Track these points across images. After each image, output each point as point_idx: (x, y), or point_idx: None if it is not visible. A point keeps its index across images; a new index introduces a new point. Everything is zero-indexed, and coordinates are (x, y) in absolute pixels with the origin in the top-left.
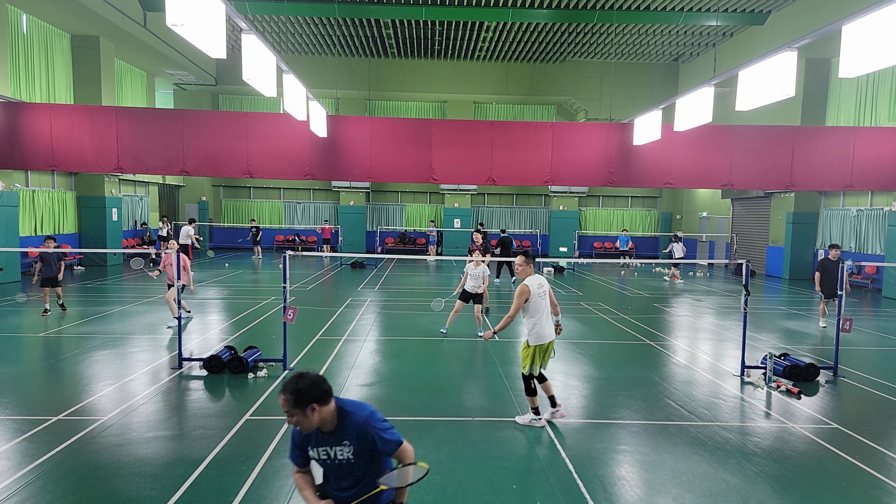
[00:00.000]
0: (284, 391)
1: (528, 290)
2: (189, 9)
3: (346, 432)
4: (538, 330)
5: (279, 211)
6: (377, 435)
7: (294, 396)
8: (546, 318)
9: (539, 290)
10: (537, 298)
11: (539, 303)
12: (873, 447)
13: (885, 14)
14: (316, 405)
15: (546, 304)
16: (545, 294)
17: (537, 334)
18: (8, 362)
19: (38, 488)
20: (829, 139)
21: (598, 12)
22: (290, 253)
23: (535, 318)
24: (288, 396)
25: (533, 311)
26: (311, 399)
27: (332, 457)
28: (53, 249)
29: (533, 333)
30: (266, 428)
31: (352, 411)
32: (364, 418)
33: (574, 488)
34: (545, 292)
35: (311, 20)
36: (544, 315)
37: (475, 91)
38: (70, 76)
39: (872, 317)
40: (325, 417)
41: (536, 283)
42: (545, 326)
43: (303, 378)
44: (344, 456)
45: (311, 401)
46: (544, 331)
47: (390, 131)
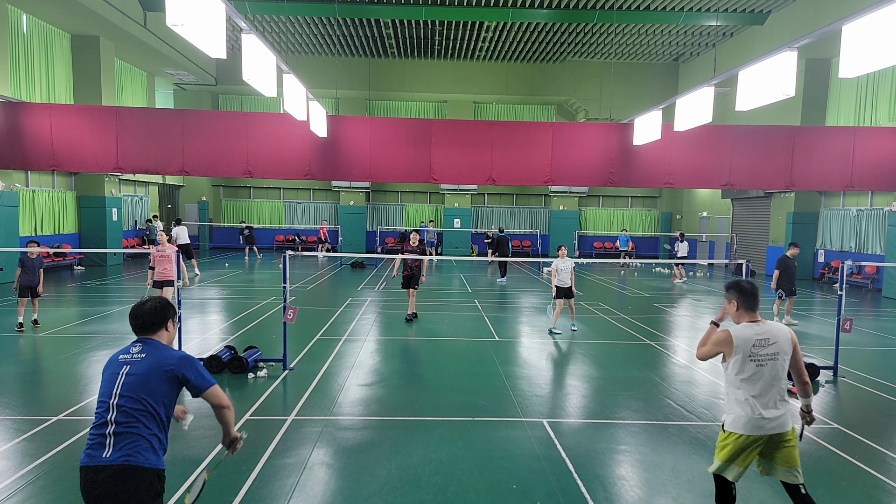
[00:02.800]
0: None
1: (728, 343)
2: (189, 9)
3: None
4: (745, 410)
5: (279, 211)
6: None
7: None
8: (770, 394)
9: (759, 349)
10: (748, 362)
11: (752, 369)
12: (873, 447)
13: (885, 14)
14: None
15: (772, 372)
16: (775, 358)
17: (742, 417)
18: (8, 362)
19: (38, 488)
20: (828, 139)
21: (598, 12)
22: (290, 253)
23: (743, 392)
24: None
25: (740, 380)
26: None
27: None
28: (38, 250)
29: (733, 412)
30: (266, 428)
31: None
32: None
33: (574, 488)
34: (775, 355)
35: (311, 20)
36: (763, 392)
37: (475, 91)
38: (70, 76)
39: (872, 317)
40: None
41: (756, 334)
42: (761, 406)
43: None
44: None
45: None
46: (756, 414)
47: (390, 131)
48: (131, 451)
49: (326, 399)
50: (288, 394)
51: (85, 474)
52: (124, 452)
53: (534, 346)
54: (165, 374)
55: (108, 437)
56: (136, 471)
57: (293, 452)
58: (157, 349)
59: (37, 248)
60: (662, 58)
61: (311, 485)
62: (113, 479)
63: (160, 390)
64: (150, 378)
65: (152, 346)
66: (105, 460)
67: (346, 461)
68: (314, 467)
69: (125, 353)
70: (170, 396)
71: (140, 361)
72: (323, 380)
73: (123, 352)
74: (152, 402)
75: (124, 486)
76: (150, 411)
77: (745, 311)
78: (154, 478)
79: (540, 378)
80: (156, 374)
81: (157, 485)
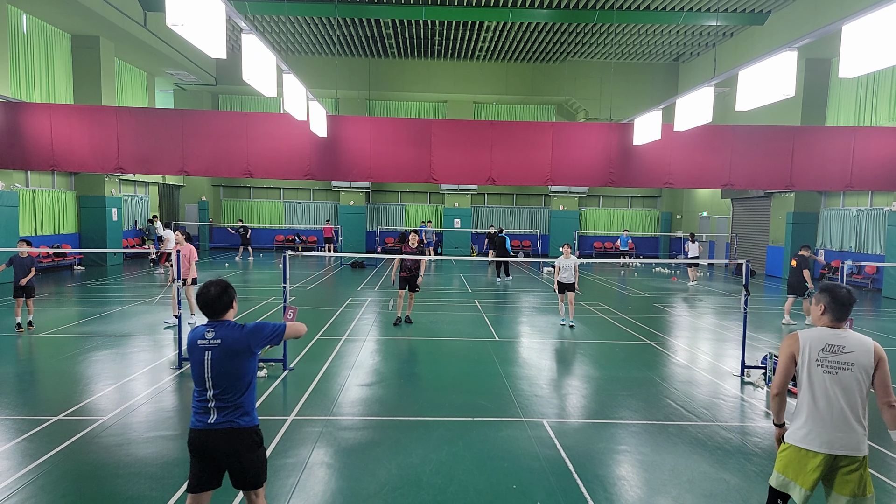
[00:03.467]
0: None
1: (794, 340)
2: (189, 9)
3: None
4: (806, 422)
5: (279, 211)
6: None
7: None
8: (837, 407)
9: (829, 355)
10: (815, 367)
11: (819, 376)
12: (873, 447)
13: (885, 14)
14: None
15: (843, 384)
16: (849, 368)
17: (803, 428)
18: (8, 362)
19: (38, 488)
20: (828, 139)
21: (598, 12)
22: (290, 253)
23: (807, 400)
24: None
25: (806, 387)
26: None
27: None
28: (28, 250)
29: (796, 422)
30: (266, 428)
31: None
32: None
33: (574, 488)
34: (849, 365)
35: (311, 20)
36: (831, 403)
37: (475, 91)
38: (70, 76)
39: (872, 317)
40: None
41: (829, 338)
42: (827, 420)
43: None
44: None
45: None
46: (820, 426)
47: (390, 131)
48: (232, 417)
49: (326, 399)
50: (288, 394)
51: (196, 435)
52: (227, 418)
53: (534, 346)
54: (240, 351)
55: (211, 407)
56: (239, 431)
57: (293, 452)
58: (228, 330)
59: (26, 247)
60: (662, 58)
61: (311, 485)
62: (221, 438)
63: (241, 364)
64: (230, 358)
65: (223, 328)
66: (211, 425)
67: (346, 461)
68: (314, 467)
69: (202, 339)
70: (250, 363)
71: (217, 347)
72: (323, 380)
73: (199, 336)
74: (238, 375)
75: (230, 443)
76: (238, 382)
77: (830, 318)
78: (252, 433)
79: (540, 378)
80: (233, 354)
81: (255, 438)
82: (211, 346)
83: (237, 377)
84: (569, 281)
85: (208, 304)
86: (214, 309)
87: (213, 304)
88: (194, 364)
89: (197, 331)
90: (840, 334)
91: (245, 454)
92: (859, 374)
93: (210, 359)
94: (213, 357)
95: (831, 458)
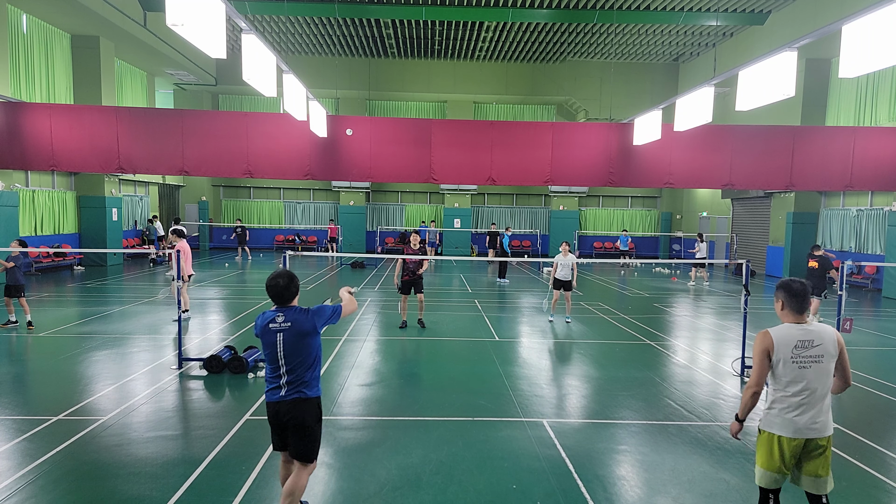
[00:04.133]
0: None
1: (768, 344)
2: (189, 9)
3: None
4: (782, 411)
5: (279, 211)
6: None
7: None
8: (810, 397)
9: (801, 350)
10: (790, 365)
11: (794, 372)
12: (873, 447)
13: (885, 14)
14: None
15: (815, 375)
16: (819, 360)
17: (778, 417)
18: (8, 362)
19: (38, 488)
20: (828, 139)
21: (598, 12)
22: (290, 253)
23: (781, 392)
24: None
25: (781, 382)
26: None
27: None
28: (20, 250)
29: (770, 412)
30: (266, 428)
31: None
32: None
33: (574, 488)
34: (819, 357)
35: (311, 20)
36: (805, 394)
37: (475, 91)
38: (70, 76)
39: (872, 317)
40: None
41: (799, 335)
42: (801, 409)
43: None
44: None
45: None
46: (796, 415)
47: (390, 131)
48: (300, 388)
49: (326, 399)
50: None
51: (271, 406)
52: (296, 390)
53: (534, 346)
54: (308, 332)
55: (283, 383)
56: (306, 400)
57: None
58: (296, 314)
59: (18, 247)
60: (662, 58)
61: (311, 485)
62: (291, 407)
63: (308, 343)
64: (300, 338)
65: (291, 312)
66: (283, 397)
67: (346, 461)
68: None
69: (273, 322)
70: (315, 341)
71: (288, 329)
72: (323, 380)
73: (270, 320)
74: (306, 354)
75: (299, 410)
76: (306, 360)
77: (791, 313)
78: (316, 403)
79: (540, 378)
80: (301, 336)
81: (318, 408)
82: (282, 329)
83: (306, 354)
84: (566, 279)
85: (279, 293)
86: (284, 297)
87: (282, 293)
88: (267, 345)
89: (267, 315)
90: (807, 329)
91: (310, 422)
92: (828, 364)
93: (282, 340)
94: (285, 338)
95: (804, 441)
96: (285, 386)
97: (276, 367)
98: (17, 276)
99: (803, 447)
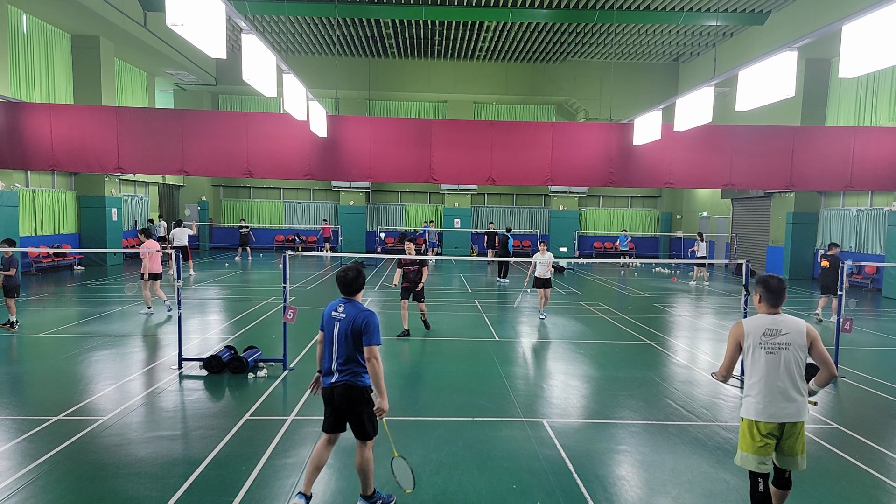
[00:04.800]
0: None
1: (739, 329)
2: (189, 9)
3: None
4: (757, 398)
5: (279, 211)
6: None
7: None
8: (779, 383)
9: (769, 338)
10: (759, 350)
11: (762, 357)
12: (873, 447)
13: (885, 14)
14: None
15: (783, 361)
16: (787, 347)
17: (756, 404)
18: (8, 362)
19: (38, 488)
20: (828, 139)
21: (598, 12)
22: (290, 253)
23: (755, 380)
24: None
25: (753, 368)
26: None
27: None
28: (12, 250)
29: (748, 399)
30: (266, 428)
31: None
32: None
33: (574, 488)
34: (786, 345)
35: (311, 20)
36: (773, 379)
37: (475, 91)
38: (70, 76)
39: (872, 317)
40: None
41: (768, 324)
42: (771, 394)
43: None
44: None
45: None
46: (767, 400)
47: (390, 131)
48: (350, 377)
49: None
50: (288, 394)
51: (326, 391)
52: (347, 377)
53: (534, 347)
54: (359, 328)
55: (335, 369)
56: (355, 387)
57: (293, 452)
58: (355, 308)
59: (8, 247)
60: (662, 58)
61: None
62: (342, 392)
63: (356, 338)
64: (351, 331)
65: (351, 305)
66: (336, 382)
67: (347, 461)
68: None
69: (335, 311)
70: (365, 340)
71: (344, 320)
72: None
73: (333, 309)
74: (355, 346)
75: (349, 395)
76: (356, 351)
77: (766, 305)
78: (365, 391)
79: (540, 378)
80: (354, 329)
81: (367, 395)
82: (339, 319)
83: (356, 345)
84: (545, 277)
85: (347, 283)
86: (350, 288)
87: (350, 284)
88: (327, 331)
89: (332, 304)
90: (777, 319)
91: (361, 406)
92: (796, 352)
93: (338, 330)
94: (340, 328)
95: (780, 426)
96: (337, 372)
97: (331, 352)
98: (15, 276)
99: (780, 430)
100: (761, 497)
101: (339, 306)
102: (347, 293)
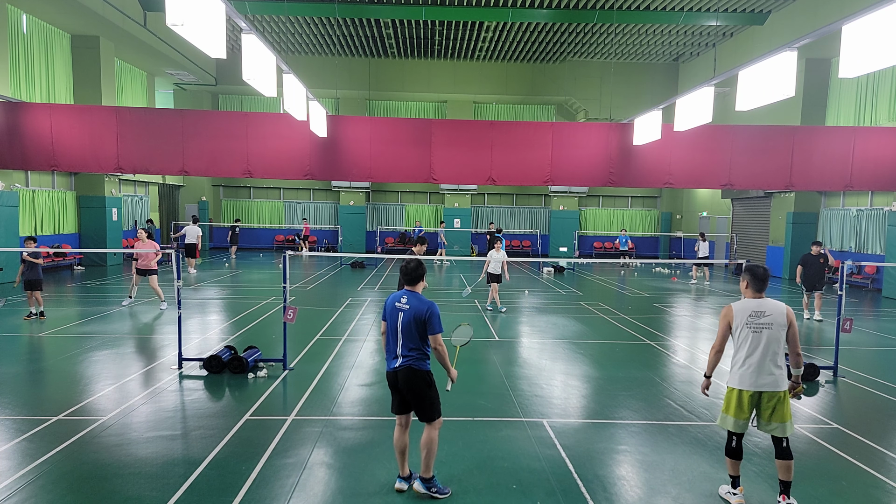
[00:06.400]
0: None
1: (729, 311)
2: (189, 9)
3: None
4: (742, 370)
5: (279, 211)
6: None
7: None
8: (761, 357)
9: (754, 318)
10: (745, 329)
11: (748, 335)
12: (873, 447)
13: (885, 14)
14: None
15: (766, 339)
16: (769, 327)
17: (738, 375)
18: (8, 362)
19: (38, 488)
20: (828, 139)
21: (598, 12)
22: (290, 253)
23: (740, 354)
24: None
25: (740, 344)
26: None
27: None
28: (32, 250)
29: (733, 370)
30: (266, 428)
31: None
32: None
33: (574, 488)
34: (769, 325)
35: (311, 20)
36: (757, 354)
37: (475, 91)
38: (70, 76)
39: (872, 317)
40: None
41: (753, 306)
42: (754, 367)
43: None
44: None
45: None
46: (750, 372)
47: (390, 131)
48: (412, 361)
49: (326, 399)
50: (288, 394)
51: (390, 375)
52: (409, 362)
53: (534, 346)
54: (422, 319)
55: (398, 353)
56: (417, 371)
57: (293, 452)
58: (417, 300)
59: (32, 244)
60: (662, 58)
61: (311, 485)
62: (405, 376)
63: (420, 328)
64: (414, 321)
65: (413, 297)
66: (399, 367)
67: (346, 461)
68: (314, 467)
69: (398, 301)
70: (425, 329)
71: (408, 310)
72: (323, 380)
73: (396, 300)
74: (418, 335)
75: (411, 378)
76: (418, 339)
77: (752, 291)
78: (426, 374)
79: (540, 378)
80: (417, 320)
81: (428, 378)
82: (403, 309)
83: (418, 336)
84: (497, 272)
85: (408, 273)
86: (411, 277)
87: (411, 274)
88: (390, 320)
89: (395, 295)
90: (761, 303)
91: (423, 389)
92: (777, 331)
93: (402, 319)
94: (405, 318)
95: (758, 394)
96: (400, 357)
97: (395, 340)
98: (38, 270)
99: (759, 398)
100: (733, 451)
101: (403, 297)
102: (409, 282)
